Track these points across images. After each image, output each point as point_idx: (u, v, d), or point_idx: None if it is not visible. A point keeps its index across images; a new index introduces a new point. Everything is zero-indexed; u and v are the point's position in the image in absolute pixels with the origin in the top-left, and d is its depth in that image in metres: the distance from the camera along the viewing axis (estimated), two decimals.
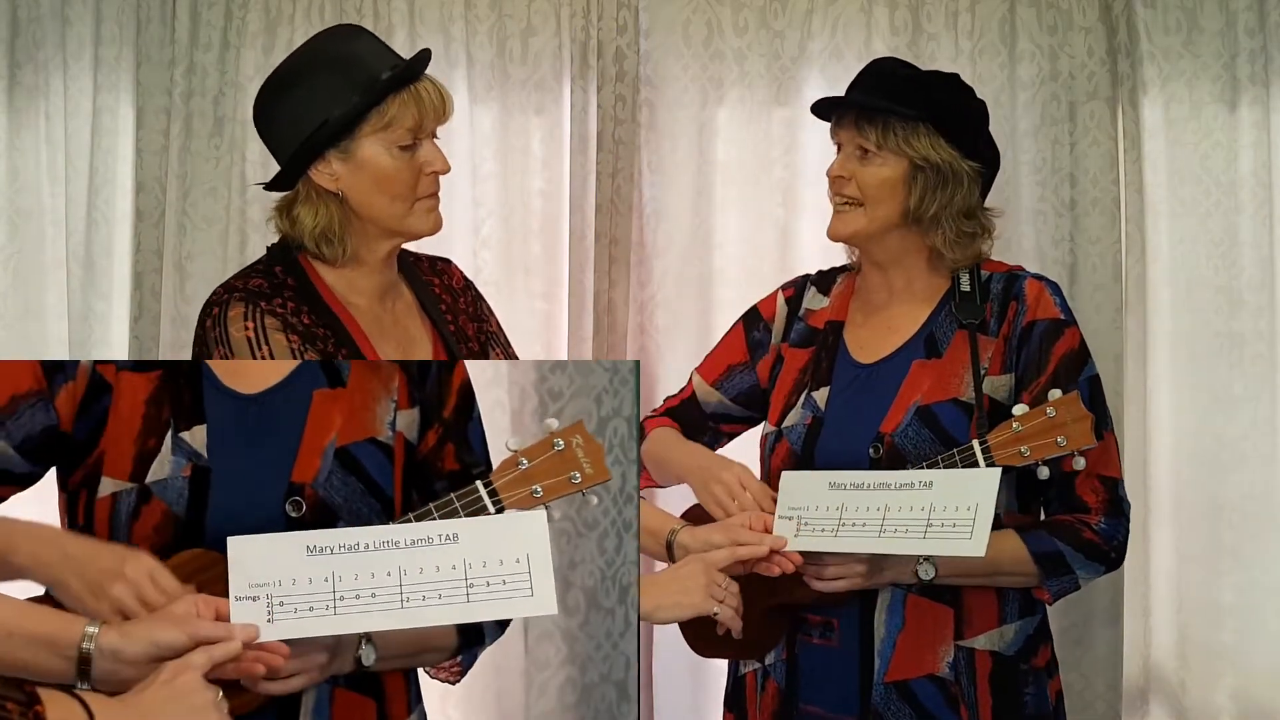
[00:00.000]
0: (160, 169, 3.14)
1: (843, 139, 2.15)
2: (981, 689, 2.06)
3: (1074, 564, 2.05)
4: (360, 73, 1.88)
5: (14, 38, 3.17)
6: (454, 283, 2.11)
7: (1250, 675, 3.13)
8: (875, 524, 1.93)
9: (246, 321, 1.84)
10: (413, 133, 1.90)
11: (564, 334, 3.18)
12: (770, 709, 2.16)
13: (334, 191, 1.92)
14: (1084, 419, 1.92)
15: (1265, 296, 3.12)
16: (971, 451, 1.96)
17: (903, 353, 2.14)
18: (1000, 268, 2.18)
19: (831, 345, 2.20)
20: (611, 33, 3.15)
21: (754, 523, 2.02)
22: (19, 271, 3.19)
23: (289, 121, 1.90)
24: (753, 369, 2.29)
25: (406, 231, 1.96)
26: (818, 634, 2.11)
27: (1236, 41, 3.13)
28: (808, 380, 2.19)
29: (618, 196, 3.15)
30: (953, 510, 1.89)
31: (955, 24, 3.15)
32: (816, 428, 2.14)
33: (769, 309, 2.32)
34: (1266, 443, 3.12)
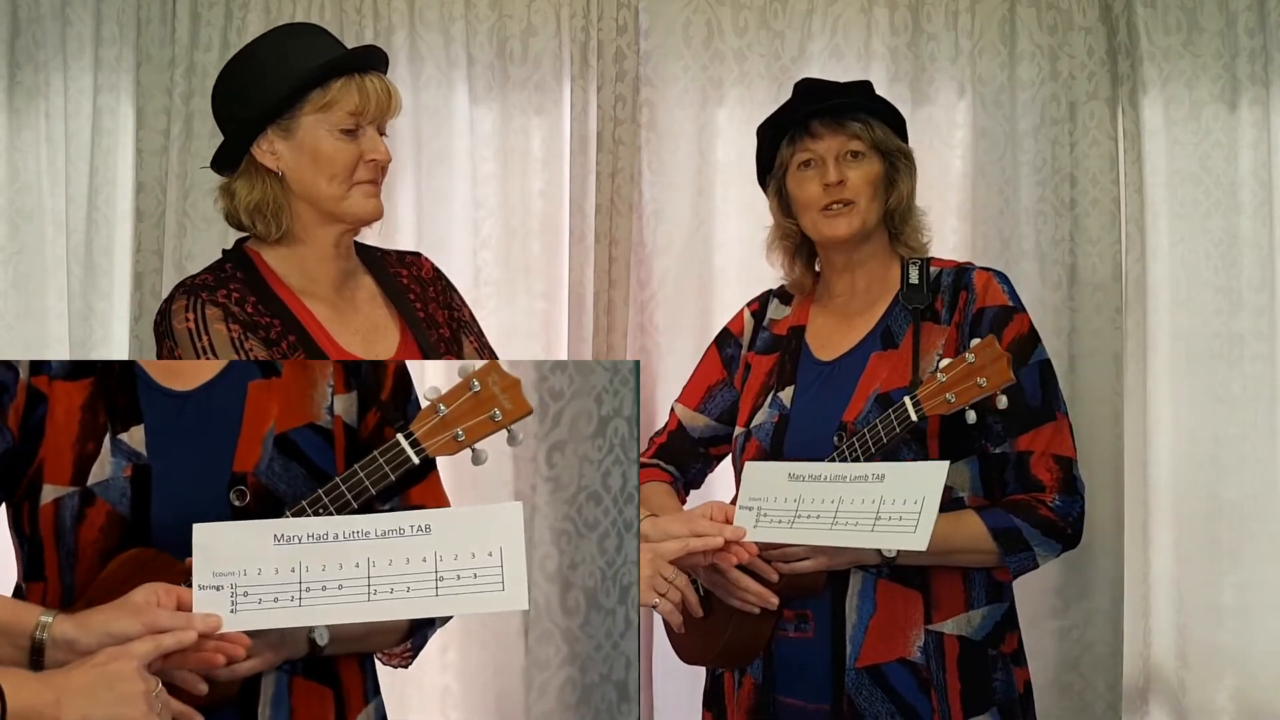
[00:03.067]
0: (160, 169, 3.14)
1: (822, 149, 2.23)
2: (950, 673, 2.11)
3: (1031, 540, 2.11)
4: (307, 56, 1.94)
5: (14, 38, 3.17)
6: (423, 273, 2.13)
7: (1250, 675, 3.13)
8: (828, 515, 1.95)
9: (187, 313, 1.87)
10: (355, 117, 1.94)
11: (564, 334, 3.18)
12: (747, 704, 2.20)
13: (274, 170, 1.95)
14: (1000, 358, 1.96)
15: (1265, 296, 3.12)
16: (903, 406, 2.02)
17: (861, 347, 2.22)
18: (949, 264, 2.26)
19: (794, 349, 2.29)
20: (611, 33, 3.15)
21: (715, 513, 2.03)
22: (19, 271, 3.19)
23: (236, 98, 1.95)
24: (730, 384, 2.37)
25: (344, 215, 1.98)
26: (793, 627, 2.15)
27: (1236, 41, 3.13)
28: (773, 382, 2.27)
29: (618, 196, 3.15)
30: (900, 503, 1.91)
31: (955, 24, 3.15)
32: (784, 424, 2.21)
33: (738, 325, 2.42)
34: (1266, 443, 3.12)
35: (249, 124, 1.94)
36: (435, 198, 3.16)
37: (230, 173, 2.00)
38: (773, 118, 2.31)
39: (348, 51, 1.98)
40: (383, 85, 1.97)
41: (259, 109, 1.92)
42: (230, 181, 1.99)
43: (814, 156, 2.24)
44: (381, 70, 2.01)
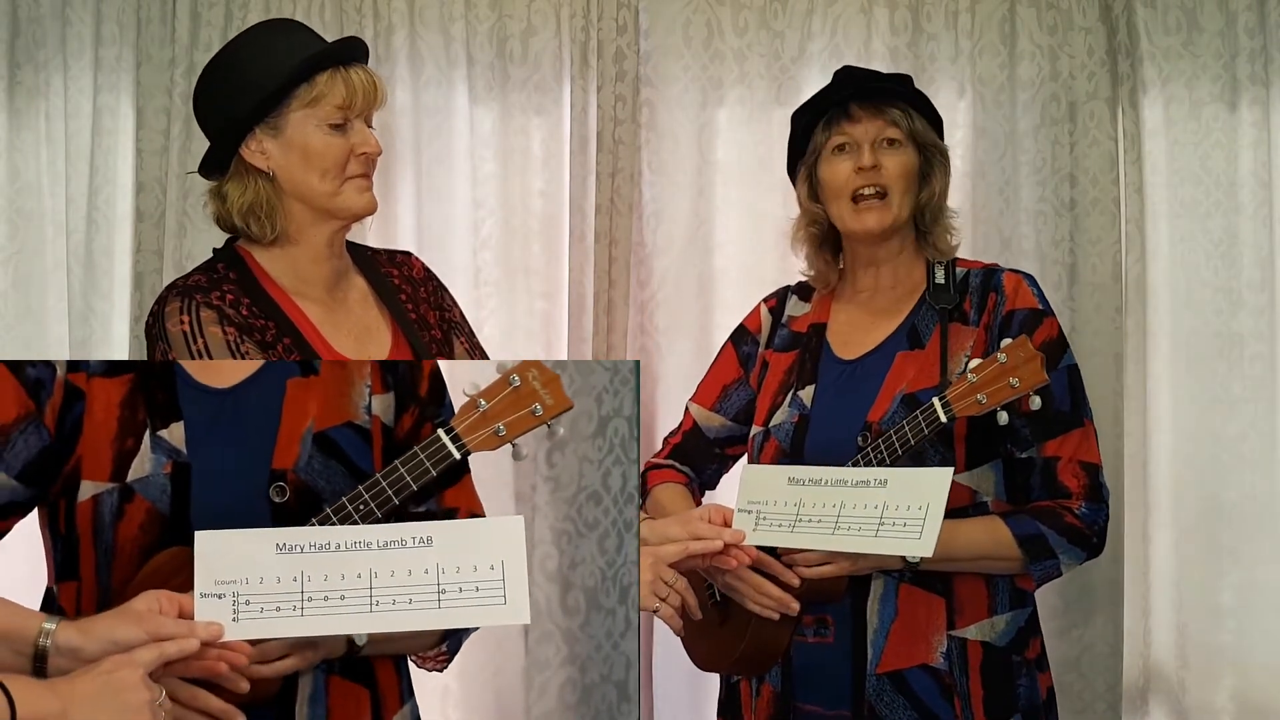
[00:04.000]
0: (160, 169, 3.14)
1: (858, 134, 2.17)
2: (974, 680, 2.07)
3: (1056, 548, 2.08)
4: (290, 52, 1.90)
5: (14, 38, 3.16)
6: (414, 273, 2.11)
7: (1250, 675, 3.13)
8: (830, 520, 1.94)
9: (182, 316, 1.84)
10: (342, 111, 1.91)
11: (564, 334, 3.18)
12: (766, 713, 2.16)
13: (264, 170, 1.92)
14: (1033, 359, 1.94)
15: (1265, 296, 3.12)
16: (932, 408, 1.99)
17: (887, 345, 2.18)
18: (976, 264, 2.22)
19: (815, 346, 2.24)
20: (611, 33, 3.15)
21: (713, 516, 2.01)
22: (19, 272, 3.19)
23: (220, 100, 1.92)
24: (746, 383, 2.32)
25: (338, 210, 1.95)
26: (812, 632, 2.12)
27: (1236, 41, 3.13)
28: (793, 381, 2.22)
29: (618, 197, 3.14)
30: (904, 509, 1.89)
31: (955, 24, 3.15)
32: (804, 425, 2.16)
33: (755, 322, 2.36)
34: (1265, 443, 3.13)
35: (236, 124, 1.91)
36: (435, 198, 3.16)
37: (219, 176, 1.97)
38: (810, 101, 2.24)
39: (330, 45, 1.95)
40: (367, 76, 1.94)
41: (245, 109, 1.89)
42: (220, 185, 1.96)
43: (850, 140, 2.18)
44: (363, 61, 1.98)
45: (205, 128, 1.98)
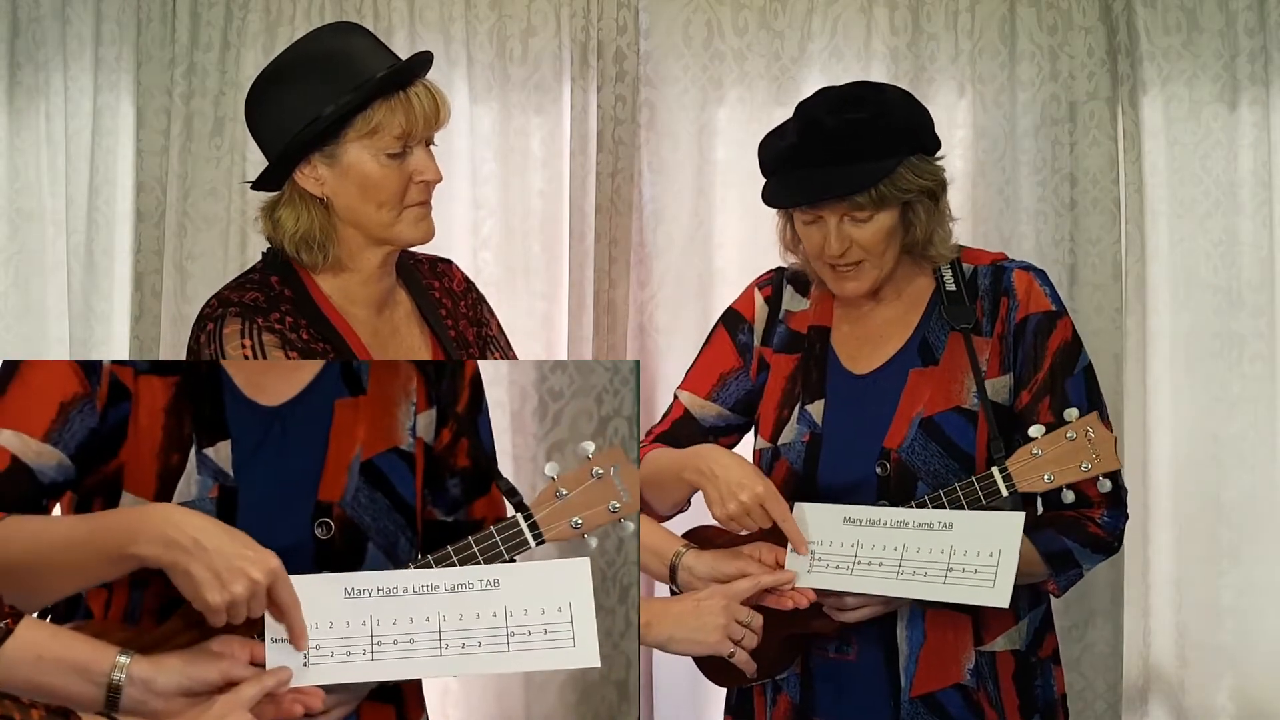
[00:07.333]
0: (160, 169, 3.14)
1: (825, 211, 2.02)
2: (1006, 688, 2.05)
3: (1081, 559, 2.06)
4: (349, 74, 1.80)
5: (14, 38, 3.17)
6: (454, 285, 2.06)
7: (1250, 675, 3.14)
8: (893, 564, 1.89)
9: (243, 339, 1.76)
10: (401, 140, 1.82)
11: (564, 334, 3.18)
12: None
13: (319, 196, 1.85)
14: (1107, 440, 1.90)
15: (1265, 296, 3.12)
16: (992, 479, 1.93)
17: (897, 361, 2.08)
18: (983, 258, 2.13)
19: (820, 354, 2.13)
20: (611, 33, 3.15)
21: (764, 555, 1.98)
22: (19, 271, 3.20)
23: (275, 120, 1.83)
24: (747, 373, 2.19)
25: (395, 240, 1.88)
26: (834, 649, 2.08)
27: (1236, 41, 3.13)
28: (799, 392, 2.13)
29: (618, 196, 3.15)
30: (974, 555, 1.84)
31: (955, 24, 3.15)
32: (816, 445, 2.08)
33: (748, 309, 2.22)
34: (1265, 443, 3.13)
35: (290, 149, 1.82)
36: (435, 198, 3.14)
37: (272, 189, 1.89)
38: (775, 162, 2.09)
39: (389, 70, 1.82)
40: (429, 98, 1.83)
41: (299, 137, 1.80)
42: (274, 207, 1.88)
43: (818, 216, 2.04)
44: (425, 75, 1.86)
45: (259, 141, 1.89)
